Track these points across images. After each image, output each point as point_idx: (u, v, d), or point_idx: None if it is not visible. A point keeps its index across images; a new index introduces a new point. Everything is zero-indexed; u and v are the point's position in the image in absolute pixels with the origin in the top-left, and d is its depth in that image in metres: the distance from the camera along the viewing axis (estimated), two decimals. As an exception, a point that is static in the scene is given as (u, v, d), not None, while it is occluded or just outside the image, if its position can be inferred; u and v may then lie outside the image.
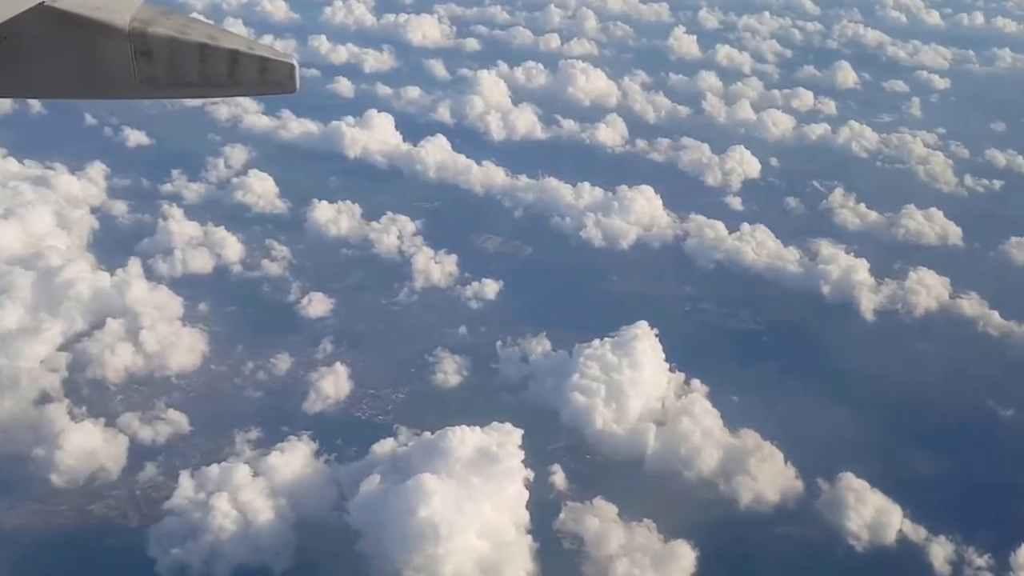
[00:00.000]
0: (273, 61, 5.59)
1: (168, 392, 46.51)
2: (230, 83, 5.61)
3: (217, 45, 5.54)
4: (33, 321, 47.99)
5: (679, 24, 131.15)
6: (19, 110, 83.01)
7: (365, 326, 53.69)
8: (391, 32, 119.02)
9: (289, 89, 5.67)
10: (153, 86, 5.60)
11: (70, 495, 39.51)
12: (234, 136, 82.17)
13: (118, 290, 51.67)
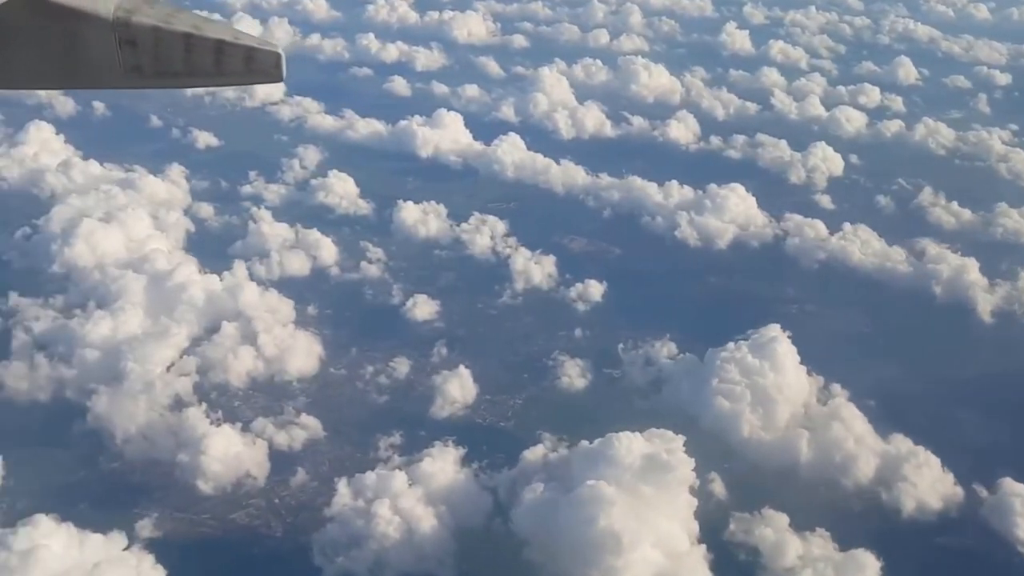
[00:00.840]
0: (259, 50, 5.59)
1: (292, 397, 46.08)
2: (216, 72, 5.58)
3: (202, 34, 5.52)
4: (154, 325, 47.54)
5: (723, 19, 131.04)
6: (83, 112, 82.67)
7: (474, 329, 53.24)
8: (436, 30, 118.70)
9: (275, 78, 5.66)
10: (138, 75, 5.59)
11: (216, 502, 39.01)
12: (300, 136, 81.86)
13: (230, 293, 51.19)
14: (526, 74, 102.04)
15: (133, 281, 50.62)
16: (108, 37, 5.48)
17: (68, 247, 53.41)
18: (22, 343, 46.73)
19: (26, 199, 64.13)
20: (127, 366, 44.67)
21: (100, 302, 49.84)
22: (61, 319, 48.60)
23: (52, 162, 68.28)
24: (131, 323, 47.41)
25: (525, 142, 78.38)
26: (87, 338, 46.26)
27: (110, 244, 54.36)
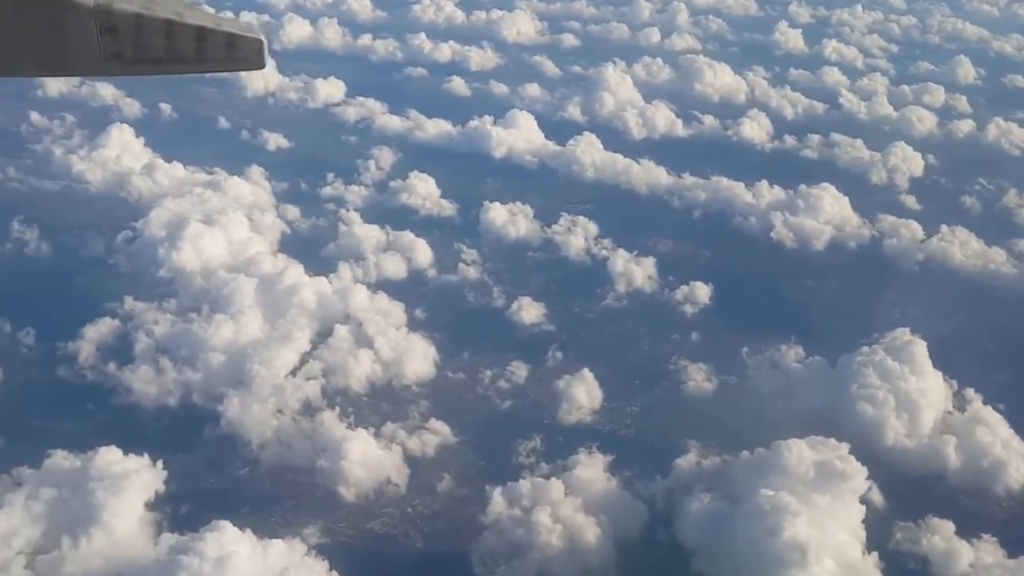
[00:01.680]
0: (241, 37, 5.55)
1: (414, 401, 45.50)
2: (197, 59, 5.57)
3: (184, 21, 5.48)
4: (272, 329, 47.05)
5: (769, 18, 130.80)
6: (150, 114, 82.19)
7: (584, 332, 52.75)
8: (485, 29, 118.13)
9: (258, 65, 5.62)
10: (119, 63, 5.57)
11: (358, 508, 38.48)
12: (369, 137, 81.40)
13: (340, 296, 50.64)
14: (584, 73, 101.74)
15: (244, 284, 49.99)
16: (89, 24, 5.40)
17: (175, 250, 52.77)
18: (144, 347, 46.21)
19: (114, 202, 63.67)
20: (252, 370, 44.13)
21: (214, 306, 49.30)
22: (180, 323, 48.04)
23: (134, 164, 67.70)
24: (251, 327, 46.84)
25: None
26: (210, 342, 45.71)
27: (214, 247, 53.72)
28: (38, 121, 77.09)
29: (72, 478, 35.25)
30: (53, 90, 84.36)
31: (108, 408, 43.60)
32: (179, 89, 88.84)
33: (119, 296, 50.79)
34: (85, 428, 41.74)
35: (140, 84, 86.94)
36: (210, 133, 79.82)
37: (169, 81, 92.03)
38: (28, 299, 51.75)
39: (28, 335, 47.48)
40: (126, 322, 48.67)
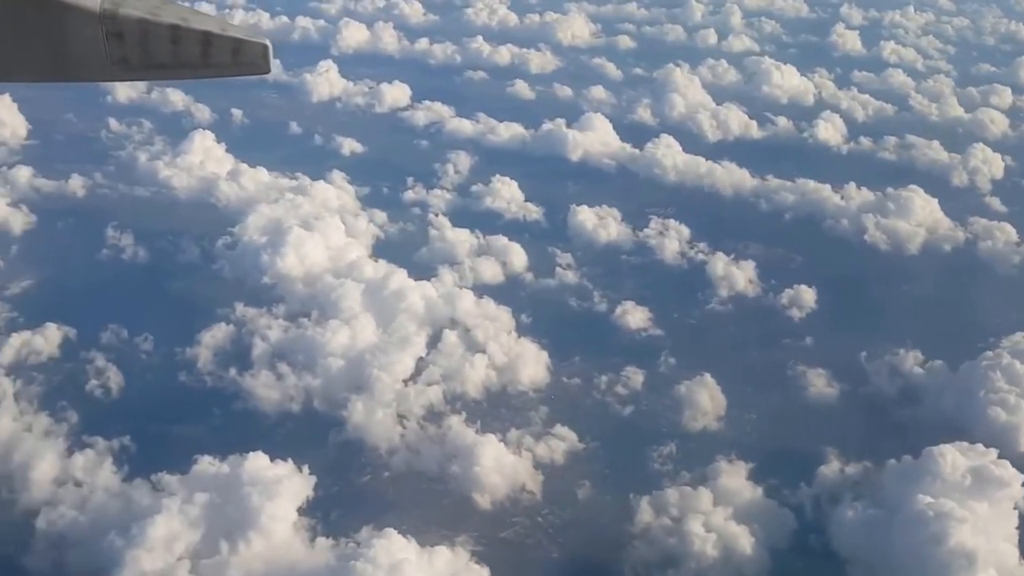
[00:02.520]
0: (246, 42, 5.59)
1: (533, 407, 45.44)
2: (203, 64, 5.62)
3: (189, 26, 5.55)
4: (385, 334, 47.12)
5: (820, 19, 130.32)
6: (220, 119, 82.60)
7: (694, 337, 52.46)
8: (539, 32, 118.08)
9: (263, 70, 5.67)
10: (125, 68, 5.64)
11: (494, 515, 38.37)
12: (440, 141, 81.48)
13: (446, 301, 50.66)
14: (646, 75, 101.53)
15: (352, 289, 50.11)
16: (95, 29, 5.48)
17: (279, 256, 52.95)
18: (262, 353, 46.37)
19: (203, 207, 64.04)
20: (372, 375, 44.19)
21: (322, 311, 49.46)
22: (293, 328, 48.21)
23: (218, 170, 68.04)
24: (366, 332, 46.92)
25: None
26: (327, 347, 45.78)
27: (316, 252, 53.89)
28: (116, 127, 77.61)
29: (221, 483, 35.33)
30: (123, 96, 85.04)
31: (232, 413, 43.79)
32: (244, 94, 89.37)
33: (228, 302, 51.08)
34: (213, 433, 41.95)
35: (208, 89, 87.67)
36: (283, 138, 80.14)
37: (234, 85, 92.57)
38: (137, 305, 52.12)
39: (146, 341, 47.74)
40: (239, 328, 48.85)
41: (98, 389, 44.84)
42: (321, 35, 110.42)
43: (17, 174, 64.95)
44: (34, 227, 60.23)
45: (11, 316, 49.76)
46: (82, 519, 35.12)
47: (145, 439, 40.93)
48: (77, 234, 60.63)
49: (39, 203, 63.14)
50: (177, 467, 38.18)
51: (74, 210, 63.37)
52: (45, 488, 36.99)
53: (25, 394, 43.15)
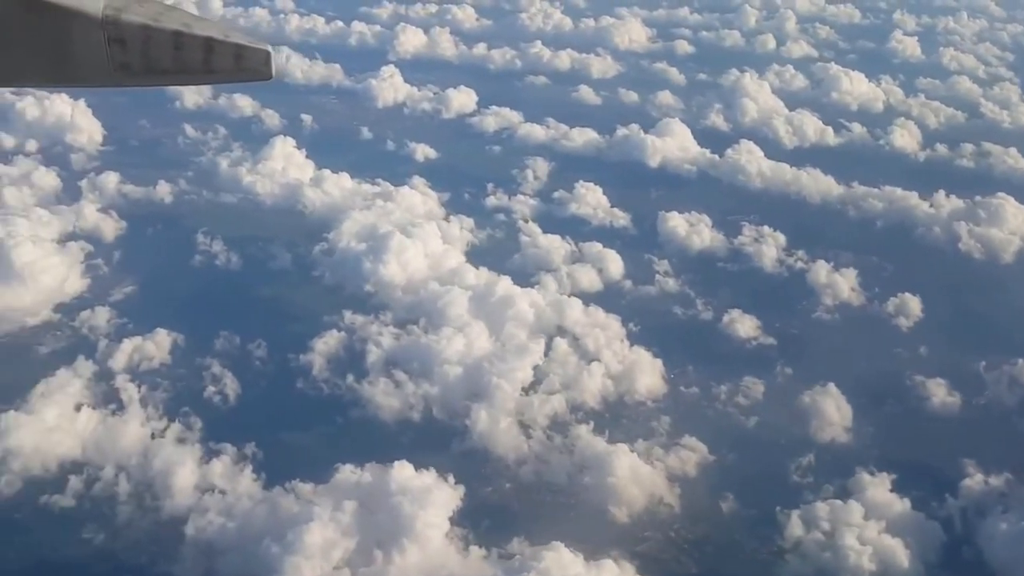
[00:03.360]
0: (248, 48, 5.64)
1: (655, 416, 45.31)
2: (205, 70, 5.66)
3: (192, 32, 5.58)
4: (498, 342, 47.15)
5: (874, 25, 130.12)
6: (290, 125, 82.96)
7: (805, 346, 52.08)
8: (596, 36, 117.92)
9: (265, 76, 5.72)
10: (127, 74, 5.67)
11: (632, 528, 38.21)
12: (512, 147, 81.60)
13: (553, 308, 50.62)
14: (711, 80, 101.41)
15: (459, 296, 50.18)
16: (97, 35, 5.52)
17: (381, 263, 53.08)
18: (376, 360, 46.42)
19: (289, 213, 64.31)
20: (492, 383, 44.17)
21: (431, 318, 49.52)
22: (404, 336, 48.29)
23: (301, 176, 68.35)
24: (481, 340, 46.94)
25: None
26: (443, 355, 45.80)
27: (416, 259, 54.00)
28: (192, 133, 78.12)
29: (366, 492, 35.41)
30: (190, 101, 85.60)
31: (353, 421, 43.85)
32: (308, 99, 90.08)
33: (334, 309, 51.23)
34: (340, 441, 42.05)
35: (274, 95, 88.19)
36: (355, 143, 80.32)
37: (297, 90, 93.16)
38: (240, 311, 52.36)
39: (259, 347, 47.91)
40: (350, 335, 48.96)
41: (216, 396, 45.01)
42: (378, 40, 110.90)
43: (105, 180, 65.33)
44: (125, 233, 60.57)
45: (121, 322, 49.92)
46: (231, 526, 35.18)
47: (273, 446, 41.04)
48: (168, 240, 60.99)
49: (127, 209, 63.54)
50: (311, 475, 38.36)
51: (162, 216, 63.73)
52: (188, 495, 37.04)
53: (149, 400, 43.31)
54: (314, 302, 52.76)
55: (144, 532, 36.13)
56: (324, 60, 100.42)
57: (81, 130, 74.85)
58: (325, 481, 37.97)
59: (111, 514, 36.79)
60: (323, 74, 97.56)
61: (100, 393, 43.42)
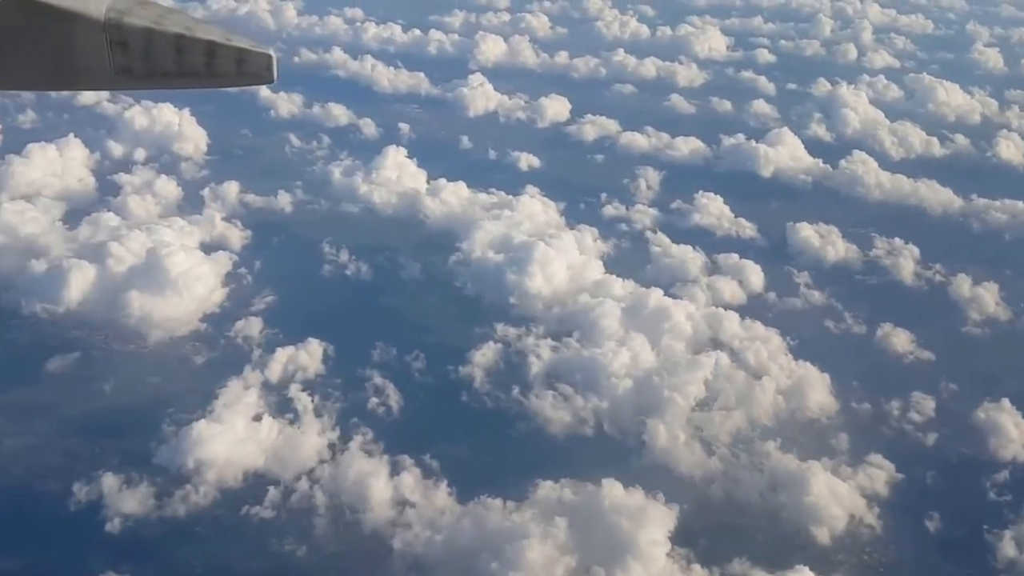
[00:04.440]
0: (251, 52, 5.67)
1: (832, 433, 44.62)
2: (207, 74, 5.67)
3: (193, 36, 5.61)
4: (660, 355, 46.79)
5: (947, 36, 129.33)
6: (388, 133, 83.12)
7: (964, 361, 51.36)
8: (674, 45, 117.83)
9: (267, 80, 5.74)
10: (129, 77, 5.69)
11: (833, 549, 37.59)
12: (615, 155, 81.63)
13: (711, 321, 50.24)
14: (799, 90, 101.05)
15: (613, 308, 49.93)
16: (99, 38, 5.55)
17: (526, 275, 52.91)
18: (538, 373, 46.18)
19: (410, 223, 64.40)
20: (664, 397, 43.80)
21: (585, 330, 49.28)
22: (563, 348, 48.05)
23: (416, 185, 68.44)
24: (645, 352, 46.60)
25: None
26: (609, 368, 45.49)
27: (560, 270, 53.81)
28: (296, 143, 78.50)
29: (573, 508, 35.07)
30: (285, 111, 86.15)
31: (523, 435, 43.56)
32: (397, 107, 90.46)
33: (484, 320, 51.09)
34: (517, 455, 41.81)
35: (368, 104, 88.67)
36: (458, 153, 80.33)
37: (385, 98, 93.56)
38: (385, 321, 52.35)
39: (417, 359, 47.79)
40: (507, 347, 48.76)
41: (380, 407, 44.86)
42: (457, 48, 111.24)
43: (227, 190, 65.68)
44: (250, 242, 60.79)
45: (272, 332, 50.01)
46: (438, 539, 34.97)
47: (451, 459, 40.81)
48: (294, 250, 61.14)
49: (248, 218, 63.81)
50: (500, 489, 38.18)
51: (285, 226, 63.92)
52: (386, 508, 36.90)
53: (322, 410, 43.30)
54: (459, 313, 52.71)
55: (347, 545, 36.00)
56: (408, 69, 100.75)
57: (187, 139, 75.41)
58: (517, 495, 37.77)
59: (309, 526, 36.65)
60: (409, 83, 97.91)
61: (272, 403, 43.39)
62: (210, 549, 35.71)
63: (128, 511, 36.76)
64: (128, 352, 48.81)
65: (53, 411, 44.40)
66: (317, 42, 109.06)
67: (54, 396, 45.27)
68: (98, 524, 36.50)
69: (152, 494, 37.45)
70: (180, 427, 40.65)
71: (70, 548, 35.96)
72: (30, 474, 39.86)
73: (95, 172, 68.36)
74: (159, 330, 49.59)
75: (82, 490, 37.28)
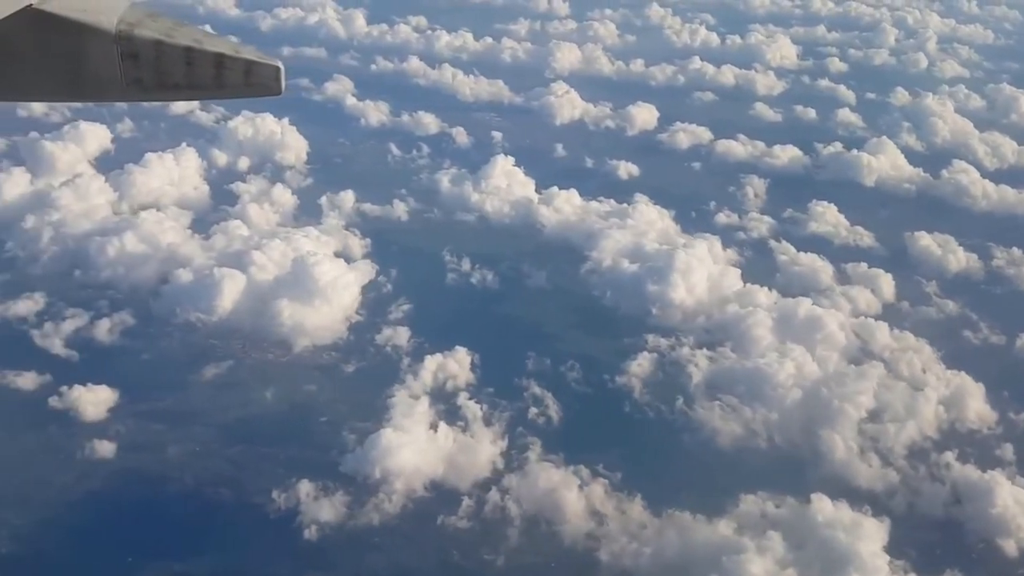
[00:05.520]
0: (258, 64, 5.72)
1: (997, 444, 44.21)
2: (216, 86, 5.72)
3: (203, 48, 5.65)
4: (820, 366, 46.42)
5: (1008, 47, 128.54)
6: (479, 142, 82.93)
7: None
8: (746, 53, 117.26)
9: (274, 91, 5.76)
10: (139, 88, 5.75)
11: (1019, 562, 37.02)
12: (713, 163, 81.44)
13: (860, 331, 49.81)
14: (879, 99, 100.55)
15: (763, 318, 49.58)
16: (110, 50, 5.62)
17: (667, 284, 52.62)
18: (699, 383, 45.85)
19: (527, 232, 64.22)
20: (834, 408, 43.39)
21: (738, 341, 48.96)
22: (720, 359, 47.74)
23: (526, 194, 68.31)
24: (808, 364, 46.18)
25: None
26: (775, 379, 45.07)
27: (700, 280, 53.49)
28: (396, 152, 78.52)
29: (781, 522, 34.68)
30: (375, 119, 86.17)
31: (693, 446, 43.22)
32: (486, 117, 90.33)
33: (631, 330, 50.82)
34: (690, 466, 41.50)
35: (455, 113, 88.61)
36: (554, 161, 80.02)
37: (472, 107, 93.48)
38: (527, 329, 52.28)
39: (573, 369, 47.53)
40: (662, 357, 48.46)
41: (540, 417, 44.58)
42: (530, 57, 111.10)
43: (344, 199, 65.67)
44: (371, 251, 60.70)
45: (418, 341, 49.87)
46: (646, 552, 34.65)
47: (630, 470, 40.51)
48: (414, 259, 60.90)
49: (366, 227, 63.76)
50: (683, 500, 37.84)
51: (402, 235, 63.82)
52: (581, 519, 36.63)
53: (492, 419, 43.12)
54: (602, 323, 52.44)
55: (547, 556, 35.75)
56: (484, 77, 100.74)
57: (288, 147, 75.45)
58: (706, 508, 37.44)
59: (503, 536, 36.40)
60: (489, 91, 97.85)
61: (441, 412, 43.24)
62: (407, 558, 35.60)
63: (324, 519, 36.55)
64: (278, 360, 48.88)
65: (213, 418, 44.44)
66: (391, 51, 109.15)
67: (213, 403, 45.44)
68: (295, 531, 36.34)
69: (345, 503, 37.23)
70: (360, 435, 40.51)
71: (271, 556, 35.85)
72: (201, 481, 39.89)
73: (209, 181, 68.43)
74: (304, 338, 49.52)
75: (281, 496, 37.10)
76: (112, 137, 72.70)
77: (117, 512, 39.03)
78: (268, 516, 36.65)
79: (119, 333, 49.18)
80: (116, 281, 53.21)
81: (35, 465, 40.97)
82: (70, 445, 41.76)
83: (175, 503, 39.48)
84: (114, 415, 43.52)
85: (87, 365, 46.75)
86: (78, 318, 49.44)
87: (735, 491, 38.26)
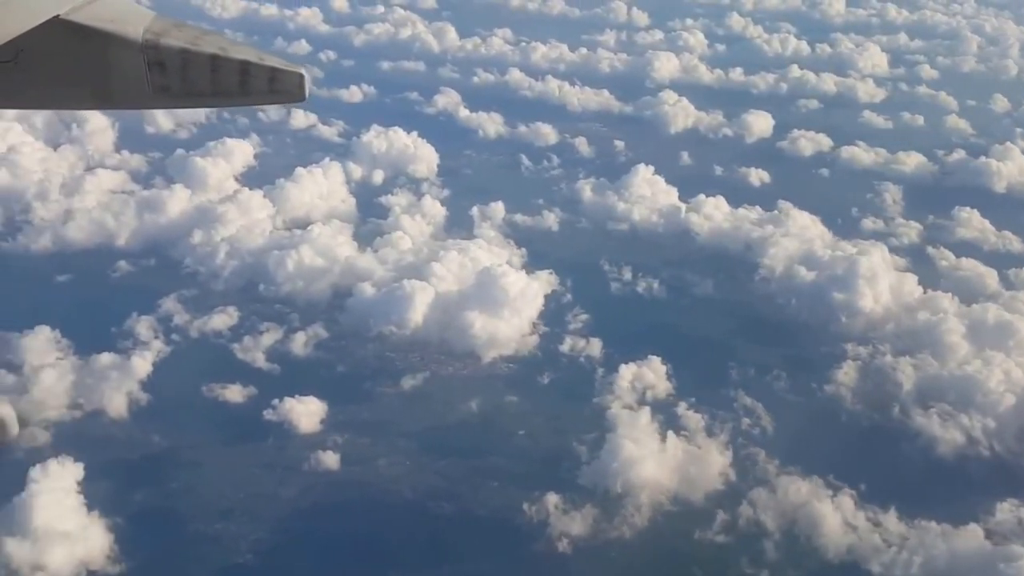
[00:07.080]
0: (283, 71, 5.73)
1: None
2: (241, 93, 5.74)
3: (228, 56, 5.68)
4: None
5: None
6: (601, 150, 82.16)
7: None
8: (838, 61, 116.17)
9: (298, 98, 5.78)
10: (166, 96, 5.80)
11: None
12: (839, 170, 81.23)
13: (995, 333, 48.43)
14: (980, 105, 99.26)
15: (956, 324, 48.63)
16: (137, 59, 5.62)
17: (855, 292, 51.43)
18: (909, 391, 44.64)
19: (680, 239, 63.47)
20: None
21: (934, 348, 47.80)
22: (921, 366, 46.46)
23: (669, 202, 67.47)
24: (1015, 371, 44.87)
25: None
26: (986, 386, 43.76)
27: (883, 287, 52.23)
28: (527, 162, 77.96)
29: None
30: (492, 131, 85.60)
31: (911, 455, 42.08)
32: (595, 126, 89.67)
33: (825, 339, 49.73)
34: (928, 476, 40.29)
35: (564, 122, 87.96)
36: (682, 169, 78.98)
37: (582, 116, 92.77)
38: (714, 340, 51.33)
39: (779, 379, 46.45)
40: (864, 364, 47.30)
41: (755, 428, 43.54)
42: (629, 67, 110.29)
43: (494, 210, 65.06)
44: (527, 261, 59.94)
45: (607, 351, 49.04)
46: (916, 560, 33.61)
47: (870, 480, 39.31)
48: (573, 269, 59.89)
49: (519, 237, 63.09)
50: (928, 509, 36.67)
51: (556, 245, 63.04)
52: (838, 532, 35.56)
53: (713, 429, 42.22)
54: (792, 331, 51.39)
55: (810, 570, 34.69)
56: (587, 87, 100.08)
57: (420, 160, 75.05)
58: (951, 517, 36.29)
59: (761, 550, 35.38)
60: (596, 100, 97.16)
61: (662, 423, 42.35)
62: (670, 572, 34.60)
63: (575, 533, 35.73)
64: (470, 372, 48.21)
65: (415, 429, 43.79)
66: (489, 63, 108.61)
67: (412, 414, 44.87)
68: (546, 544, 35.56)
69: (592, 515, 36.42)
70: (589, 447, 39.73)
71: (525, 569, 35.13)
72: (419, 493, 39.19)
73: (355, 194, 68.14)
74: (492, 349, 48.86)
75: (531, 508, 36.32)
76: (255, 152, 72.61)
77: (352, 524, 38.47)
78: (519, 529, 35.80)
79: (313, 346, 48.76)
80: (295, 294, 52.91)
81: (261, 477, 40.58)
82: (292, 457, 41.32)
83: (403, 514, 38.88)
84: (327, 427, 43.06)
85: (289, 378, 46.38)
86: (273, 332, 49.09)
87: (981, 499, 36.94)
